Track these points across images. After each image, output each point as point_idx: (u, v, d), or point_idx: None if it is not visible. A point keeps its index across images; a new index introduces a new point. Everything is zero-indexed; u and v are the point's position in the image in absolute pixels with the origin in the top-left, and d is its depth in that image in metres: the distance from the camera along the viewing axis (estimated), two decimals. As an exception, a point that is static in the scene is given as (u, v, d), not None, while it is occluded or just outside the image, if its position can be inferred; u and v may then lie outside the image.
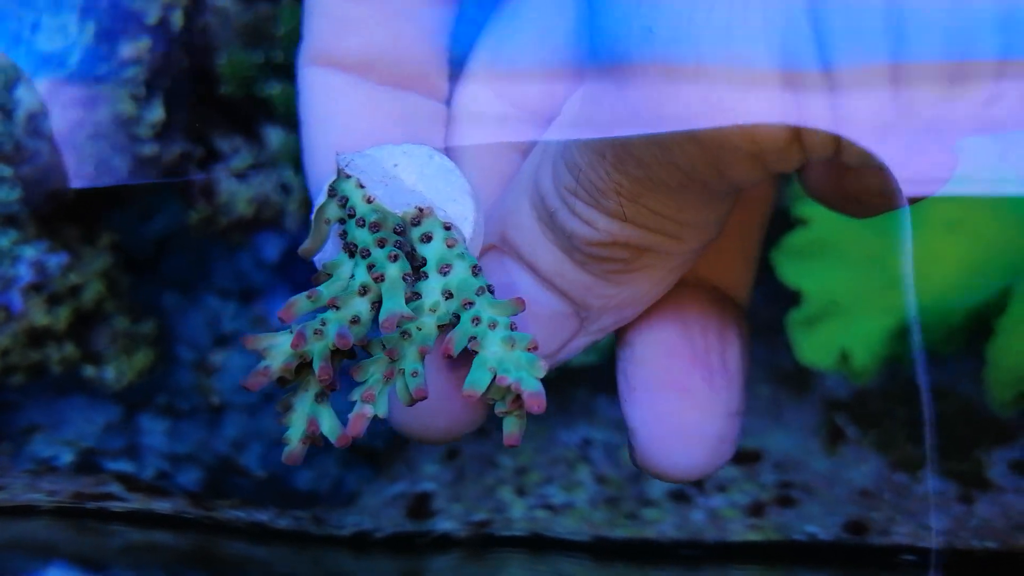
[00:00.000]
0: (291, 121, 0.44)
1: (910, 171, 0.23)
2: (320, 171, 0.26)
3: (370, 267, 0.22)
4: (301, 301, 0.21)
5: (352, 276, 0.22)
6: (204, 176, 0.43)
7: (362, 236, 0.22)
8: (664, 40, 0.19)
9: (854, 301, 0.47)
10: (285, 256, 0.45)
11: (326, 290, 0.22)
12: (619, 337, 0.27)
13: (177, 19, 0.41)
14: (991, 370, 0.42)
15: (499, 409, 0.22)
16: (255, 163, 0.44)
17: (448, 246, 0.22)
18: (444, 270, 0.22)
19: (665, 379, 0.25)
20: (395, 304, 0.21)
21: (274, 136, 0.44)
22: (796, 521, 0.31)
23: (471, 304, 0.22)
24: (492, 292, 0.22)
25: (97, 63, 0.40)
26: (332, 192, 0.23)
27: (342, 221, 0.23)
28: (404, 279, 0.22)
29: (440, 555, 0.27)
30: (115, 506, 0.29)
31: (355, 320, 0.21)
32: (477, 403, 0.25)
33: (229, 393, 0.39)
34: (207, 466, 0.34)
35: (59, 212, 0.40)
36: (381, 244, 0.22)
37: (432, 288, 0.22)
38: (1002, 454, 0.38)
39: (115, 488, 0.30)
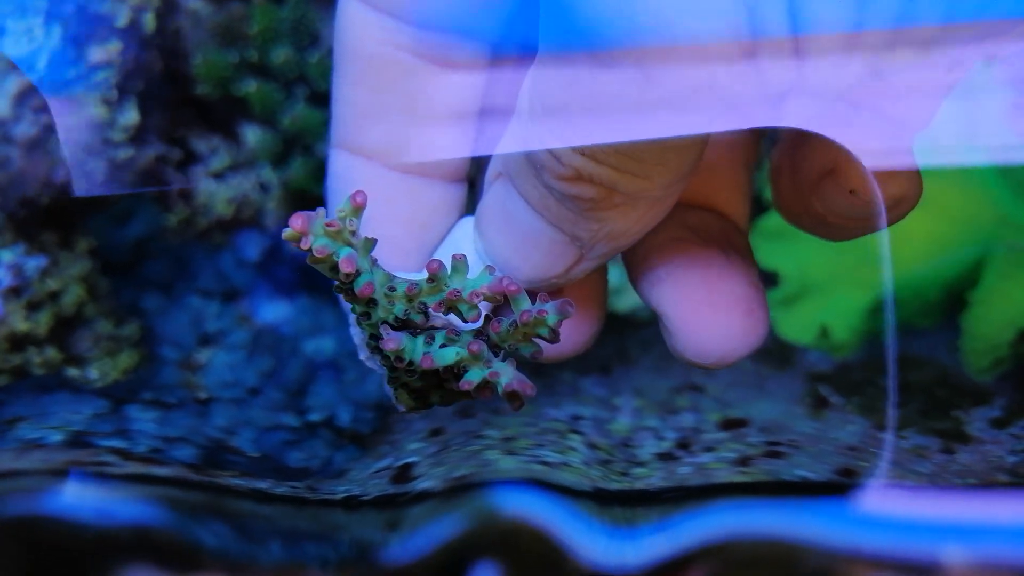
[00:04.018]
0: (268, 119, 0.44)
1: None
2: None
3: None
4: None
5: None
6: (182, 185, 0.43)
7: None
8: (634, 21, 0.20)
9: (830, 279, 0.48)
10: (266, 255, 0.44)
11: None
12: (629, 263, 0.27)
13: (148, 21, 0.41)
14: (967, 339, 0.43)
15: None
16: (233, 163, 0.44)
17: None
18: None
19: (684, 262, 0.26)
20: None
21: (251, 134, 0.44)
22: (786, 468, 0.31)
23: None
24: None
25: (66, 67, 0.40)
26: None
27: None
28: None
29: (419, 504, 0.28)
30: (113, 470, 0.29)
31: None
32: (582, 325, 0.27)
33: (216, 388, 0.39)
34: (200, 446, 0.34)
35: (34, 218, 0.40)
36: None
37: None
38: (981, 412, 0.39)
39: (111, 458, 0.30)
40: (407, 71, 0.26)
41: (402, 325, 0.25)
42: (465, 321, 0.25)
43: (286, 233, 0.24)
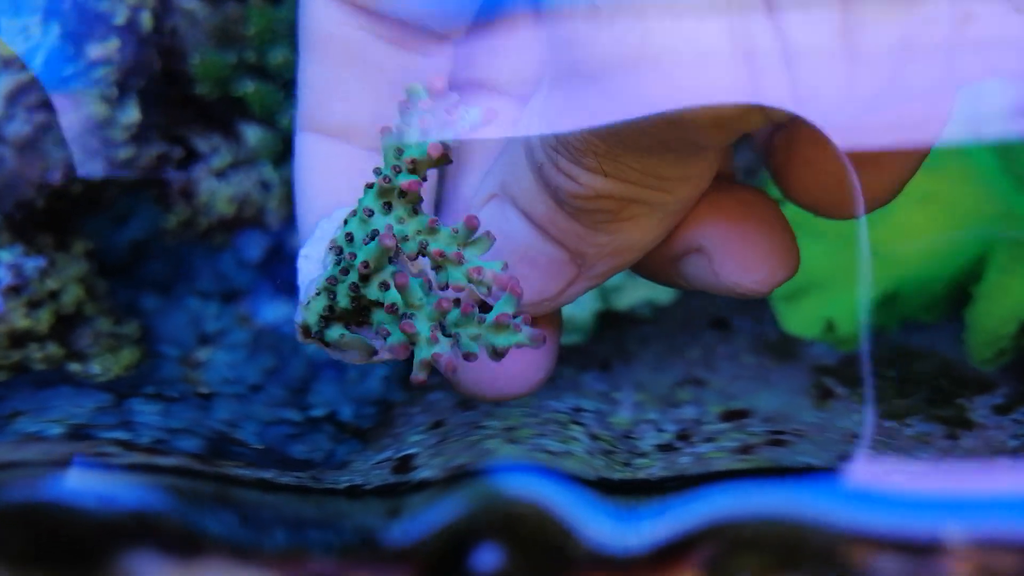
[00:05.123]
0: (268, 118, 0.44)
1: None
2: (307, 231, 0.28)
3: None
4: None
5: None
6: (184, 184, 0.43)
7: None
8: (610, 11, 0.20)
9: (834, 274, 0.48)
10: (268, 254, 0.45)
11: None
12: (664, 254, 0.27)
13: (146, 20, 0.41)
14: (971, 332, 0.43)
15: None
16: (234, 161, 0.44)
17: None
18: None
19: (721, 195, 0.26)
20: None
21: (251, 134, 0.44)
22: (788, 455, 0.31)
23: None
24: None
25: (64, 65, 0.40)
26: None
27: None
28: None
29: (420, 492, 0.28)
30: (116, 461, 0.29)
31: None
32: (535, 363, 0.27)
33: (217, 384, 0.39)
34: (204, 437, 0.34)
35: (30, 221, 0.40)
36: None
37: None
38: (984, 400, 0.39)
39: (113, 449, 0.30)
40: (368, 48, 0.26)
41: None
42: (440, 288, 0.24)
43: (411, 85, 0.23)
